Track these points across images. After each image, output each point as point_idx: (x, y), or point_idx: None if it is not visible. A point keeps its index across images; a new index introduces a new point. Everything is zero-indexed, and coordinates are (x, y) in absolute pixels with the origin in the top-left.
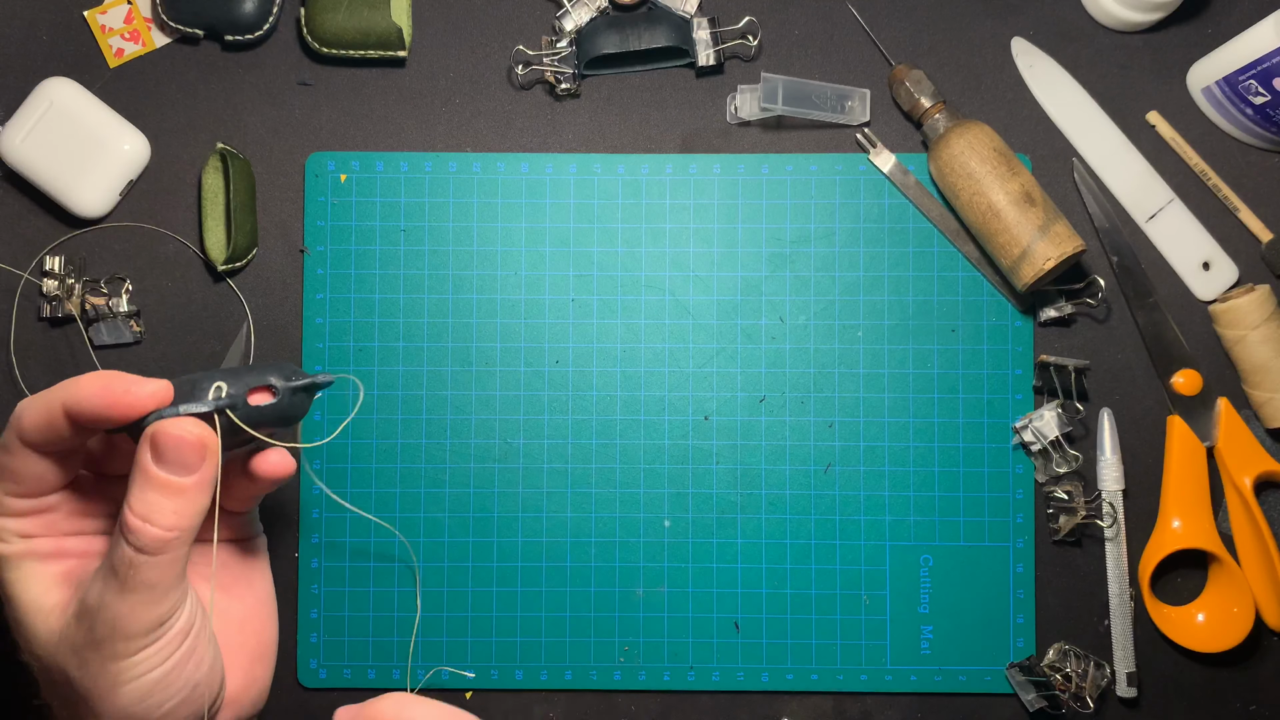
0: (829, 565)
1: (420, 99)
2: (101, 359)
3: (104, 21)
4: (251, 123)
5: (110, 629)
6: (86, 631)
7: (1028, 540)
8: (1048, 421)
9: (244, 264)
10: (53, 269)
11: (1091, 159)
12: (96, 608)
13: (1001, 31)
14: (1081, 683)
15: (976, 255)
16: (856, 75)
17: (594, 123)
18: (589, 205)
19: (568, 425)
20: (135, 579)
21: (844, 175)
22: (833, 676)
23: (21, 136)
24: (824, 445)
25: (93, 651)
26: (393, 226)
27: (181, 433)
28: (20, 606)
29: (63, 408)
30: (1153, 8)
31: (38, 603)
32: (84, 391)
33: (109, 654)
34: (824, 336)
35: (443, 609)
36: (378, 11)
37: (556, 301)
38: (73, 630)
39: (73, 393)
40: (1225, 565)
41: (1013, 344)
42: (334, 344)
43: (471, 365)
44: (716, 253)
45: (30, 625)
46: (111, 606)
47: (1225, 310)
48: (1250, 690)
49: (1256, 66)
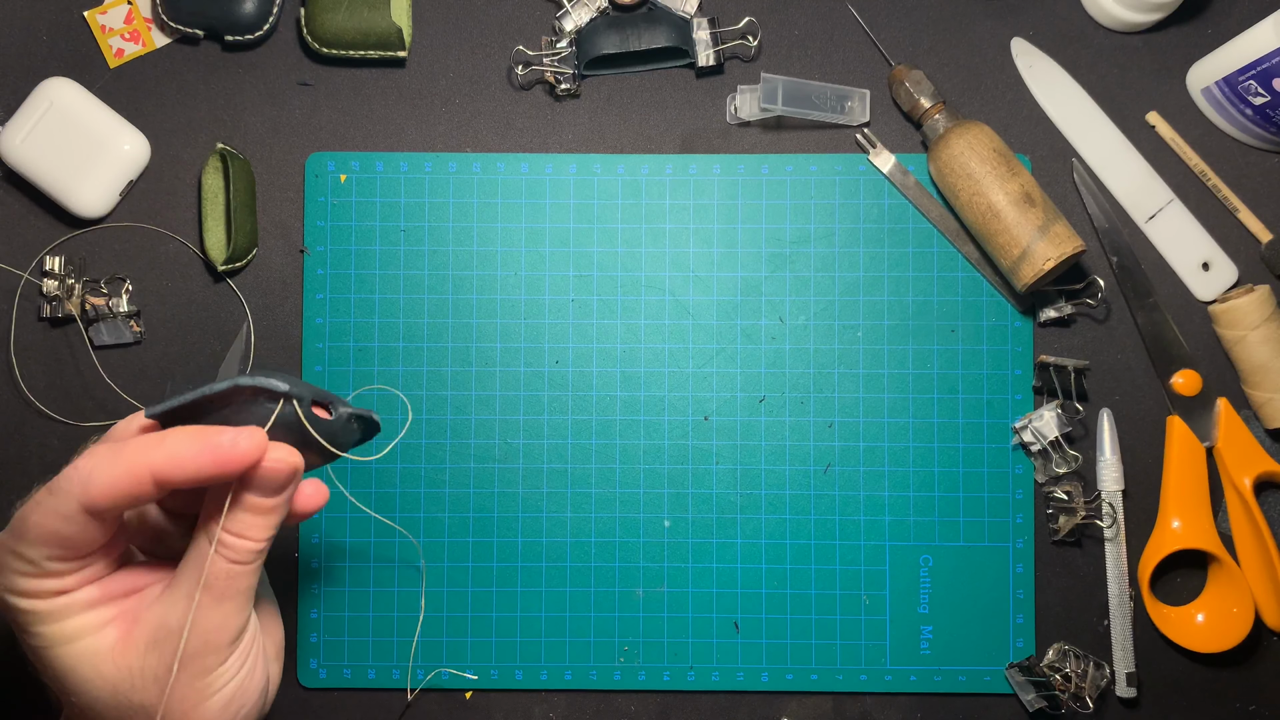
0: (829, 565)
1: (420, 99)
2: (101, 359)
3: (104, 21)
4: (251, 123)
5: (203, 643)
6: (172, 654)
7: (1027, 540)
8: (1047, 422)
9: (244, 264)
10: (53, 269)
11: (1091, 159)
12: (183, 629)
13: (1001, 31)
14: (1081, 683)
15: (976, 255)
16: (856, 75)
17: (594, 123)
18: (589, 205)
19: (568, 425)
20: (231, 589)
21: (844, 175)
22: (832, 676)
23: (21, 136)
24: (824, 445)
25: (180, 673)
26: (393, 226)
27: (279, 465)
28: (69, 660)
29: (152, 475)
30: (1153, 8)
31: (91, 650)
32: (183, 456)
33: (198, 670)
34: (824, 336)
35: (442, 609)
36: (378, 11)
37: (556, 301)
38: (148, 660)
39: (168, 459)
40: (1225, 565)
41: (1012, 344)
42: (334, 344)
43: (471, 365)
44: (716, 253)
45: (84, 675)
46: (204, 621)
47: (1225, 310)
48: (1250, 690)
49: (1256, 67)
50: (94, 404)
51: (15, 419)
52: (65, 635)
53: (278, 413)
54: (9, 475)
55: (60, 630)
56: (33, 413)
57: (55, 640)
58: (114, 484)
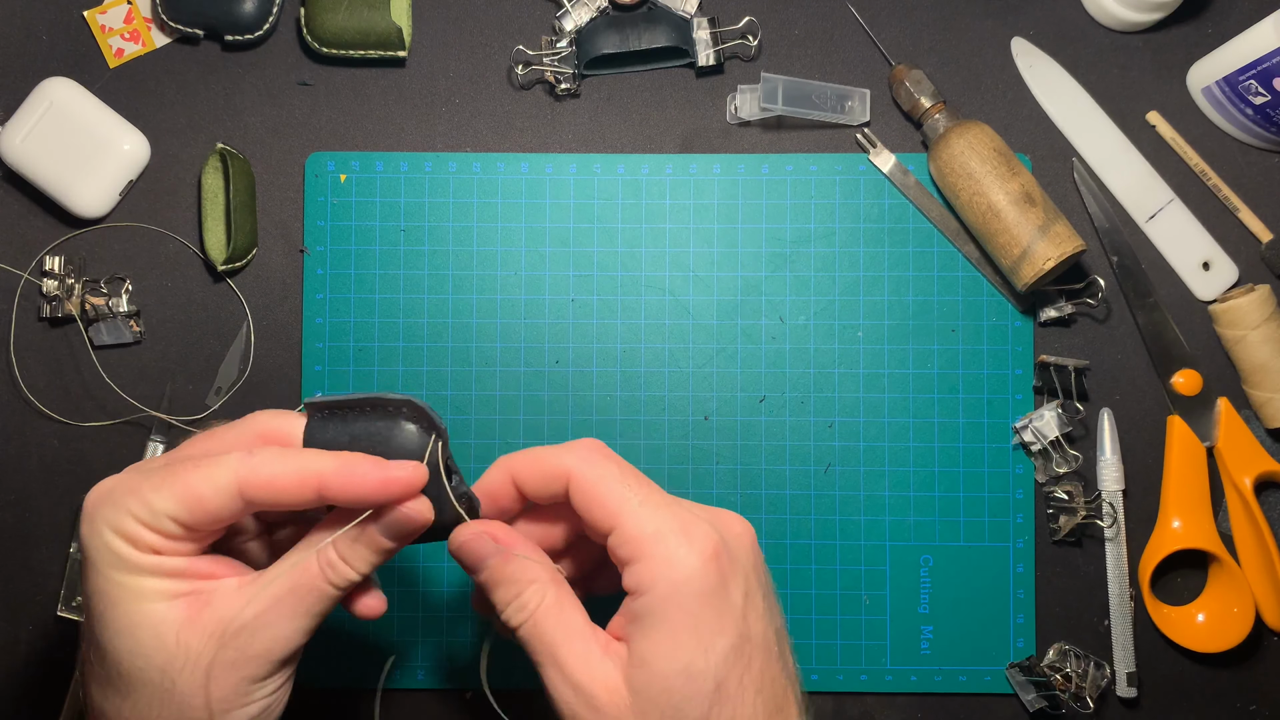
0: (829, 565)
1: (420, 99)
2: (101, 359)
3: (104, 21)
4: (251, 123)
5: (266, 649)
6: (235, 650)
7: (1028, 540)
8: (1048, 421)
9: (244, 264)
10: (53, 269)
11: (1091, 159)
12: (255, 630)
13: (1001, 31)
14: (1081, 683)
15: (976, 255)
16: (856, 75)
17: (594, 123)
18: (589, 205)
19: (568, 425)
20: (314, 608)
21: (844, 175)
22: (833, 676)
23: (21, 136)
24: (824, 445)
25: (230, 671)
26: (393, 226)
27: (414, 515)
28: (135, 618)
29: (319, 485)
30: (1153, 8)
31: (158, 617)
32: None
33: (250, 675)
34: (824, 336)
35: (442, 609)
36: (378, 11)
37: (556, 301)
38: (208, 647)
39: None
40: (1225, 565)
41: (1013, 344)
42: (334, 344)
43: (471, 365)
44: (716, 253)
45: (143, 640)
46: (278, 628)
47: (1225, 310)
48: (1250, 690)
49: (1256, 66)
50: (94, 404)
51: (15, 419)
52: (139, 592)
53: (429, 453)
54: (9, 475)
55: (137, 585)
56: (33, 413)
57: (129, 594)
58: (278, 480)
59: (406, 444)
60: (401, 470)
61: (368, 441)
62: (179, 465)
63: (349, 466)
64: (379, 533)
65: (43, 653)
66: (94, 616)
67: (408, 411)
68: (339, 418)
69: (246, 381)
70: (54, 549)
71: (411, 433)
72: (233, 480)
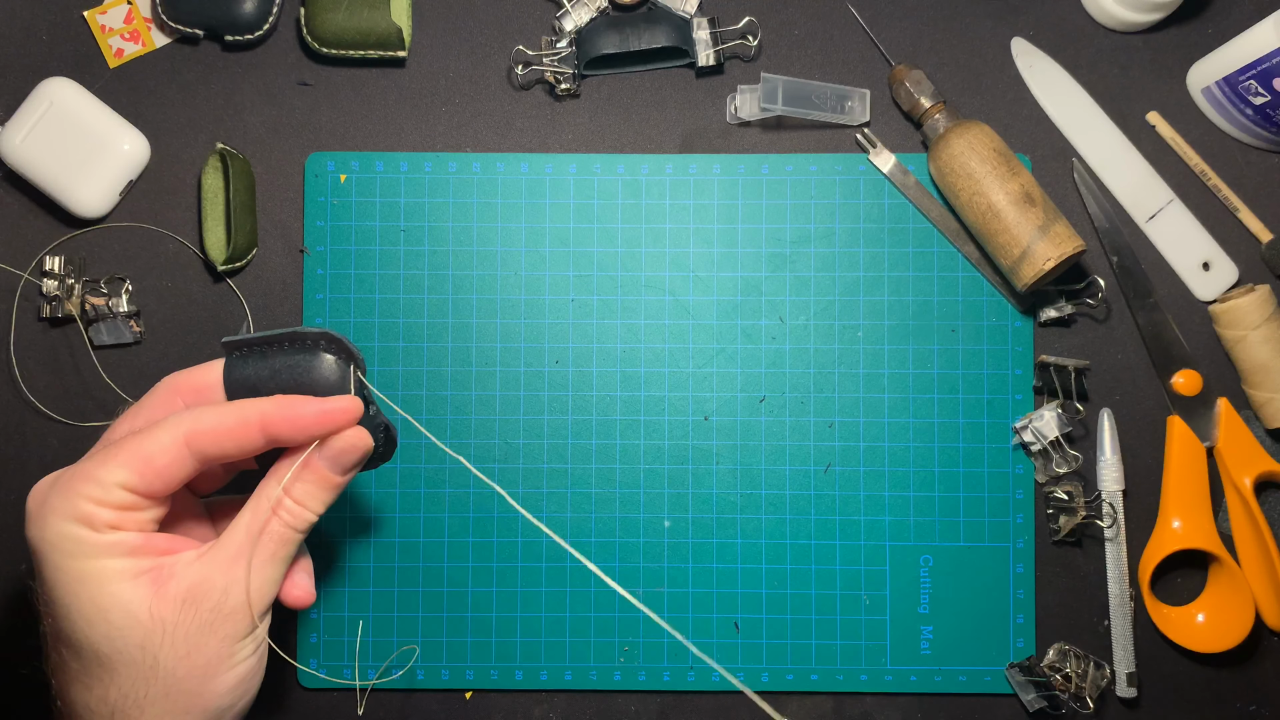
0: (829, 565)
1: (420, 99)
2: (101, 359)
3: (104, 21)
4: (251, 123)
5: (240, 603)
6: (209, 613)
7: (1028, 540)
8: (1048, 422)
9: (244, 264)
10: (53, 269)
11: (1091, 159)
12: (226, 586)
13: (1001, 31)
14: (1081, 683)
15: (976, 255)
16: (856, 75)
17: (594, 123)
18: (589, 205)
19: (568, 425)
20: (280, 554)
21: (844, 175)
22: (833, 677)
23: (21, 136)
24: (824, 445)
25: (209, 634)
26: (393, 226)
27: (361, 444)
28: (104, 602)
29: (262, 424)
30: (1153, 8)
31: (127, 596)
32: (298, 413)
33: (230, 633)
34: (824, 336)
35: (442, 609)
36: (378, 11)
37: (556, 301)
38: (183, 615)
39: (282, 412)
40: (1225, 565)
41: (1013, 344)
42: None
43: (471, 365)
44: (716, 253)
45: (116, 622)
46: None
47: (1225, 310)
48: (1250, 690)
49: (1256, 66)
50: (94, 404)
51: (15, 419)
52: (103, 575)
53: (355, 383)
54: (9, 475)
55: (99, 568)
56: (32, 413)
57: (93, 580)
58: (222, 426)
59: (328, 375)
60: (338, 402)
61: (289, 375)
62: (119, 441)
63: (288, 403)
64: (326, 468)
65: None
66: (59, 613)
67: (325, 344)
68: (258, 354)
69: None
70: None
71: (331, 363)
72: (178, 436)
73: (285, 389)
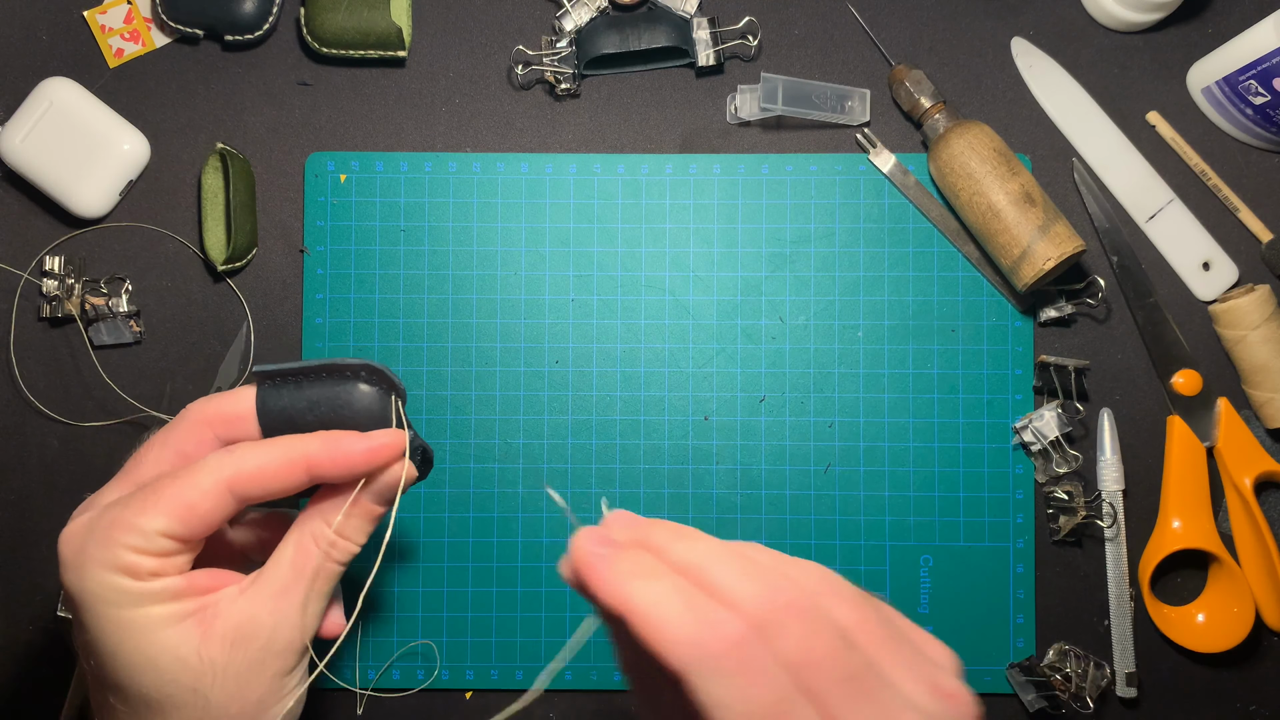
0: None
1: (420, 99)
2: (101, 359)
3: (104, 21)
4: (251, 123)
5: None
6: (259, 650)
7: (1028, 540)
8: (1048, 422)
9: (244, 264)
10: (53, 269)
11: (1091, 159)
12: (275, 625)
13: (1001, 31)
14: (1081, 683)
15: (976, 255)
16: (856, 75)
17: (594, 123)
18: (589, 205)
19: (568, 425)
20: (325, 589)
21: (844, 175)
22: None
23: (21, 136)
24: (824, 445)
25: (261, 671)
26: (393, 226)
27: (407, 477)
28: (152, 651)
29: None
30: (1153, 8)
31: (175, 642)
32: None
33: (280, 668)
34: (824, 336)
35: (443, 609)
36: (378, 11)
37: (556, 301)
38: (233, 655)
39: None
40: (1225, 565)
41: (1013, 344)
42: (334, 344)
43: (471, 365)
44: (716, 253)
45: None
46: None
47: (1225, 310)
48: (1250, 690)
49: (1256, 66)
50: (94, 404)
51: (15, 419)
52: (151, 622)
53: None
54: (9, 475)
55: (147, 616)
56: (32, 413)
57: (140, 628)
58: (266, 469)
59: (370, 406)
60: (385, 437)
61: (329, 407)
62: (155, 485)
63: (334, 442)
64: (369, 499)
65: (43, 653)
66: (104, 660)
67: (365, 374)
68: (292, 384)
69: (246, 382)
70: (54, 549)
71: (371, 395)
72: (220, 480)
73: (325, 421)
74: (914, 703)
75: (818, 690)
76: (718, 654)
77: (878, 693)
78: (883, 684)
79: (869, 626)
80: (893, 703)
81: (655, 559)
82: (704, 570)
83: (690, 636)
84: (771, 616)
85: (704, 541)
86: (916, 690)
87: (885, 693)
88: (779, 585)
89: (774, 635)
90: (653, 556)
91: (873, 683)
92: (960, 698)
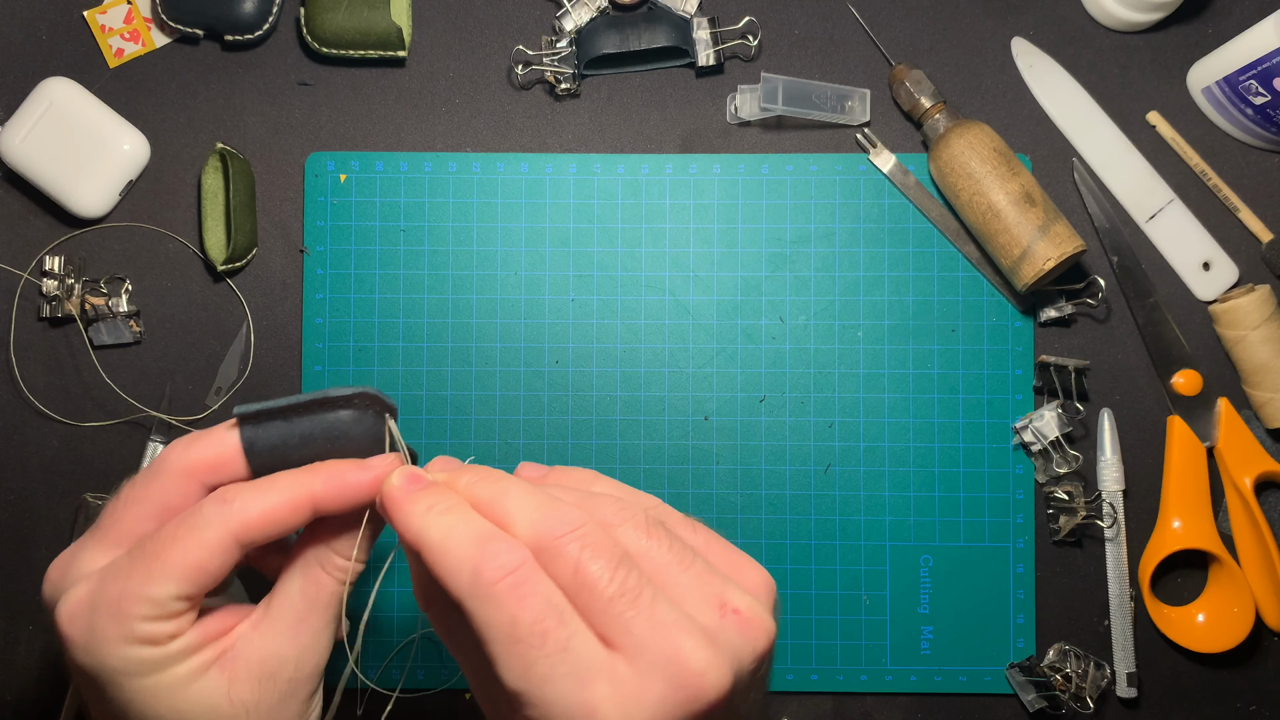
0: (829, 565)
1: (420, 99)
2: (101, 359)
3: (104, 21)
4: (251, 123)
5: (313, 668)
6: (285, 684)
7: (1028, 540)
8: (1048, 422)
9: (244, 264)
10: (53, 269)
11: (1091, 159)
12: (298, 656)
13: (1001, 31)
14: (1081, 683)
15: (976, 255)
16: (856, 75)
17: (594, 123)
18: (589, 205)
19: (568, 425)
20: (336, 611)
21: (844, 175)
22: (833, 677)
23: (21, 136)
24: (824, 445)
25: (290, 702)
26: (392, 226)
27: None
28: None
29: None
30: (1153, 8)
31: (205, 694)
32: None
33: (305, 695)
34: (824, 336)
35: None
36: (378, 11)
37: (556, 301)
38: (263, 694)
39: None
40: (1225, 565)
41: (1013, 344)
42: (334, 344)
43: (471, 365)
44: (716, 253)
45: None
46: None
47: (1225, 310)
48: (1250, 690)
49: (1256, 66)
50: (93, 404)
51: (15, 419)
52: (178, 681)
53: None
54: (9, 475)
55: (173, 677)
56: (32, 413)
57: (169, 689)
58: (271, 513)
59: (364, 431)
60: (385, 463)
61: (323, 440)
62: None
63: (338, 476)
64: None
65: (43, 652)
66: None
67: (357, 400)
68: (280, 418)
69: (246, 381)
70: (54, 549)
71: (363, 419)
72: (225, 536)
73: (319, 454)
74: (694, 619)
75: (590, 609)
76: (490, 581)
77: (650, 608)
78: (657, 600)
79: (656, 550)
80: (666, 617)
81: (456, 496)
82: (496, 504)
83: (469, 565)
84: (550, 544)
85: (506, 480)
86: (699, 608)
87: (658, 608)
88: (565, 515)
89: (550, 561)
90: (455, 494)
91: (646, 599)
92: (747, 616)
